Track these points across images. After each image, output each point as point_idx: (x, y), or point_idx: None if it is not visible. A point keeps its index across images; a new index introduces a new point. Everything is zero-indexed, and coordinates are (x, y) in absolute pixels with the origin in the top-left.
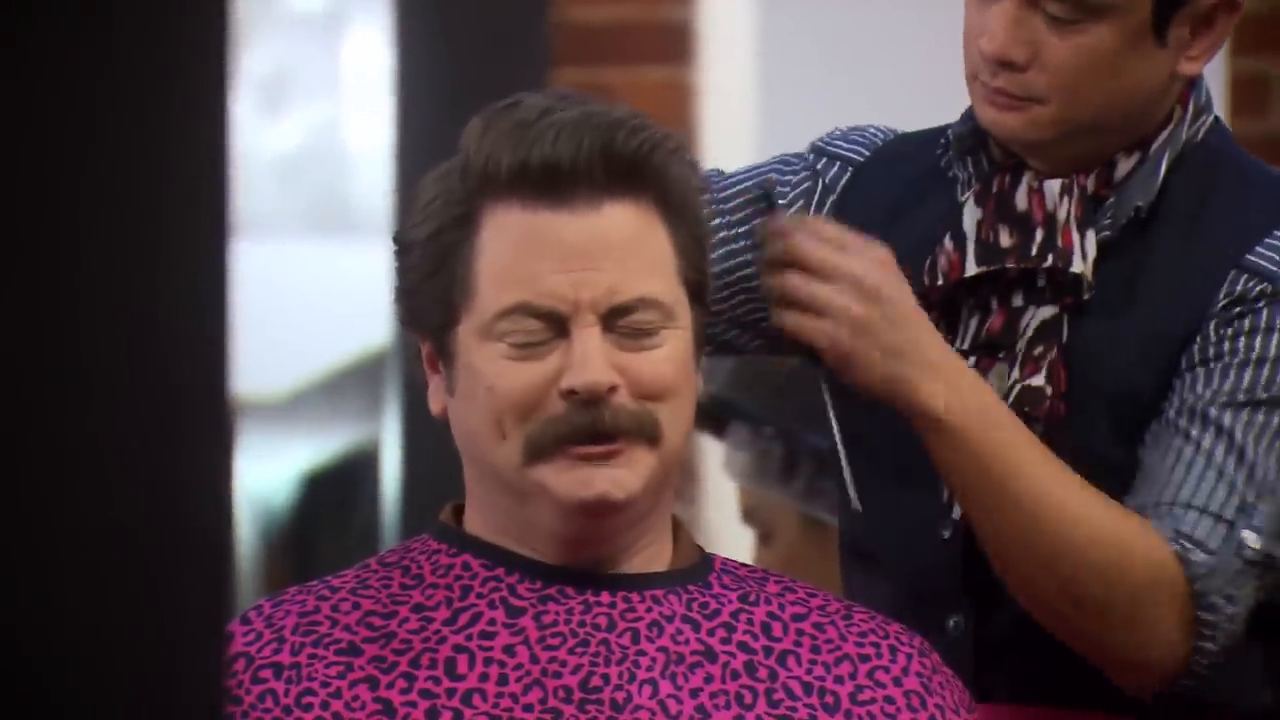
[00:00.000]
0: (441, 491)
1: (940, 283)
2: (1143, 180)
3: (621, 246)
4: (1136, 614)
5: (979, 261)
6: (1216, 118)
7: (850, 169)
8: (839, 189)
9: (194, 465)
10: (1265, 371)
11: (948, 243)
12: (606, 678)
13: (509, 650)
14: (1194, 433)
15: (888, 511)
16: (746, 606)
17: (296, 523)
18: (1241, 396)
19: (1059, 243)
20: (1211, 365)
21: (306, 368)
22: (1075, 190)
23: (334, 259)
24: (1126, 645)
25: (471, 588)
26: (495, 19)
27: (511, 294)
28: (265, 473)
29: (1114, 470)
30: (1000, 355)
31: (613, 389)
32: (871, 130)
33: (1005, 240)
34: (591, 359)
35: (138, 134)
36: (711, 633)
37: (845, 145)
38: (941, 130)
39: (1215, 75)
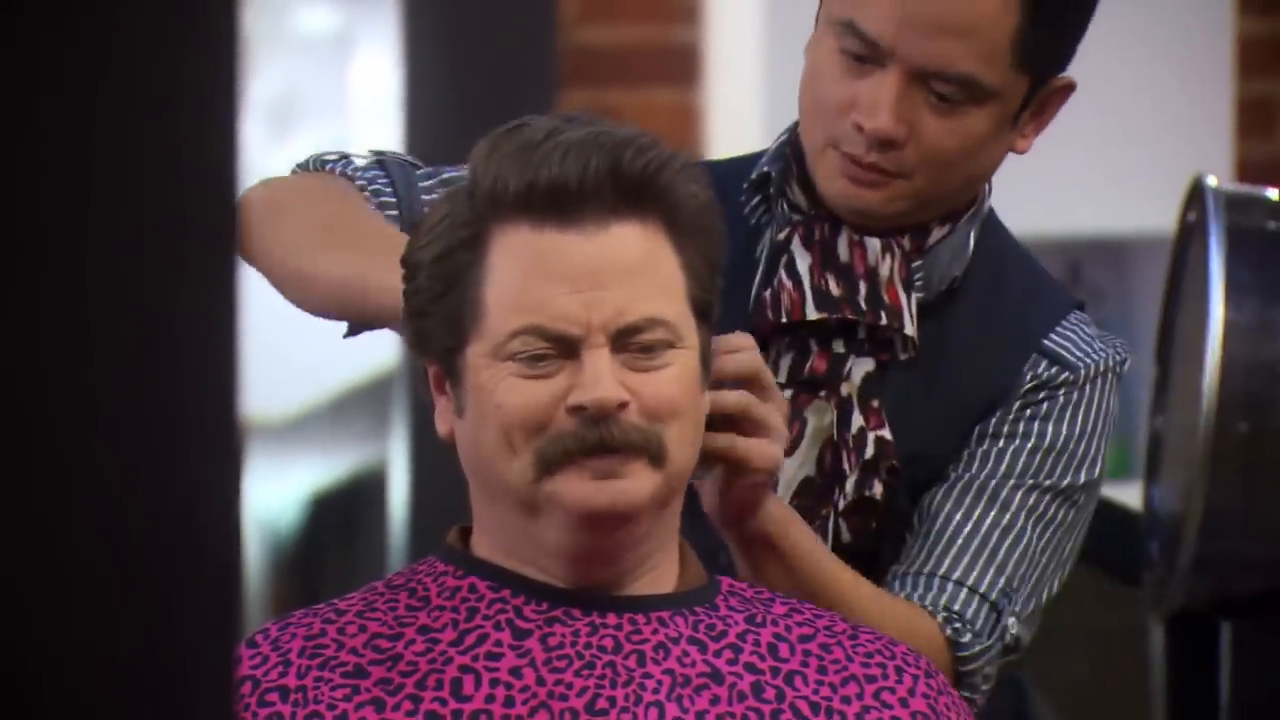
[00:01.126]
0: (448, 512)
1: (784, 320)
2: (954, 250)
3: (630, 267)
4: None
5: (818, 307)
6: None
7: None
8: None
9: (202, 486)
10: (1054, 460)
11: (787, 281)
12: (613, 700)
13: (515, 672)
14: (978, 510)
15: None
16: (753, 628)
17: (304, 544)
18: (1029, 480)
19: (885, 299)
20: (1004, 444)
21: (314, 389)
22: (896, 250)
23: None
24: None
25: (478, 609)
26: (503, 41)
27: (522, 317)
28: (272, 494)
29: (907, 525)
30: (821, 394)
31: (622, 406)
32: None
33: (835, 289)
34: (602, 377)
35: (147, 153)
36: (718, 654)
37: None
38: (737, 165)
39: (1221, 98)
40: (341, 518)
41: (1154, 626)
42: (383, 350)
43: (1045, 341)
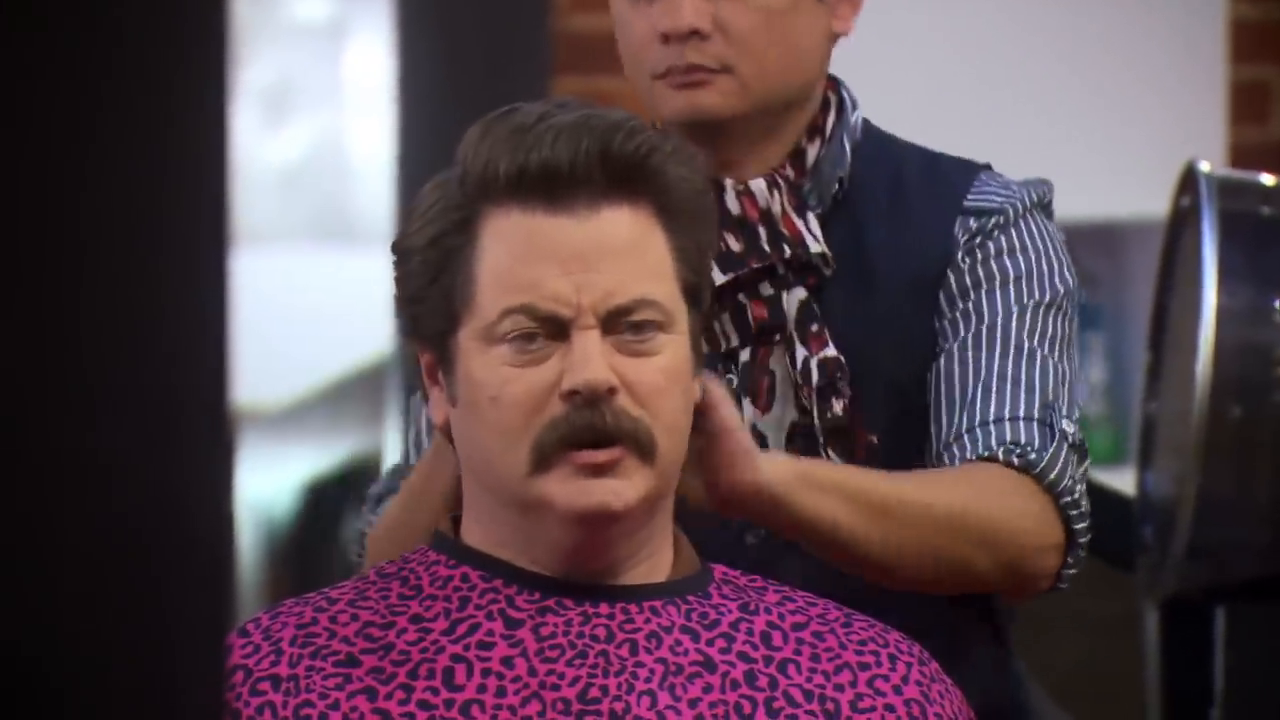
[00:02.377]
0: None
1: None
2: (833, 159)
3: (620, 250)
4: (1021, 535)
5: (724, 270)
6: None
7: None
8: None
9: (194, 475)
10: (1028, 284)
11: None
12: (605, 689)
13: (507, 662)
14: (984, 357)
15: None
16: (746, 616)
17: (298, 532)
18: (1015, 309)
19: (784, 232)
20: (976, 295)
21: (308, 377)
22: (780, 181)
23: (336, 268)
24: (1022, 564)
25: (470, 599)
26: (496, 28)
27: (513, 297)
28: (267, 482)
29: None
30: (776, 339)
31: (612, 390)
32: None
33: (735, 246)
34: (591, 359)
35: (138, 143)
36: (711, 643)
37: None
38: None
39: (1215, 83)
40: (336, 506)
41: (1148, 612)
42: (376, 340)
43: (965, 203)
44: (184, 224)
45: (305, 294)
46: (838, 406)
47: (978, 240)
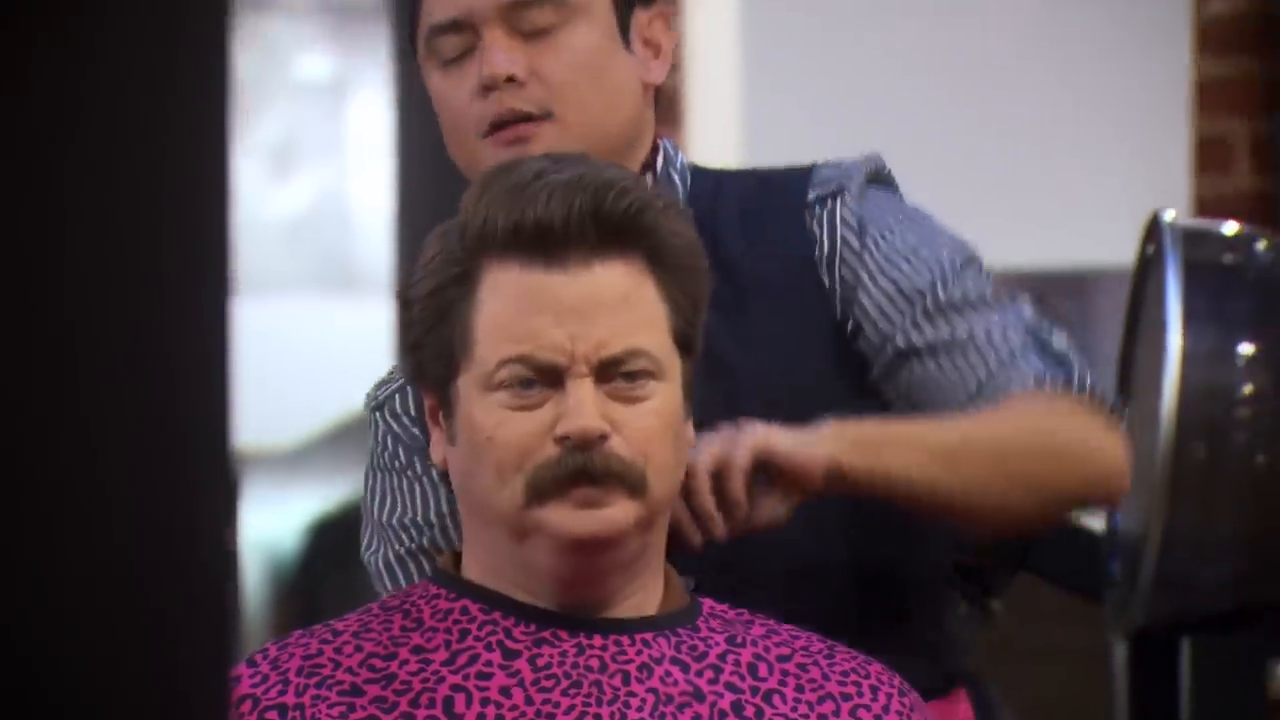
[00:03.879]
0: None
1: None
2: (664, 191)
3: (613, 303)
4: (1086, 437)
5: None
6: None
7: None
8: None
9: (198, 512)
10: (926, 252)
11: None
12: (599, 718)
13: (505, 691)
14: (966, 369)
15: None
16: (733, 648)
17: (303, 569)
18: (939, 297)
19: None
20: (872, 287)
21: (313, 420)
22: None
23: (338, 316)
24: (1098, 467)
25: (469, 631)
26: None
27: (510, 348)
28: (273, 521)
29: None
30: None
31: (603, 436)
32: None
33: None
34: (585, 407)
35: (145, 192)
36: (700, 674)
37: None
38: None
39: (1179, 137)
40: (339, 543)
41: (1117, 643)
42: None
43: (809, 197)
44: (188, 271)
45: (309, 340)
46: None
47: (838, 225)
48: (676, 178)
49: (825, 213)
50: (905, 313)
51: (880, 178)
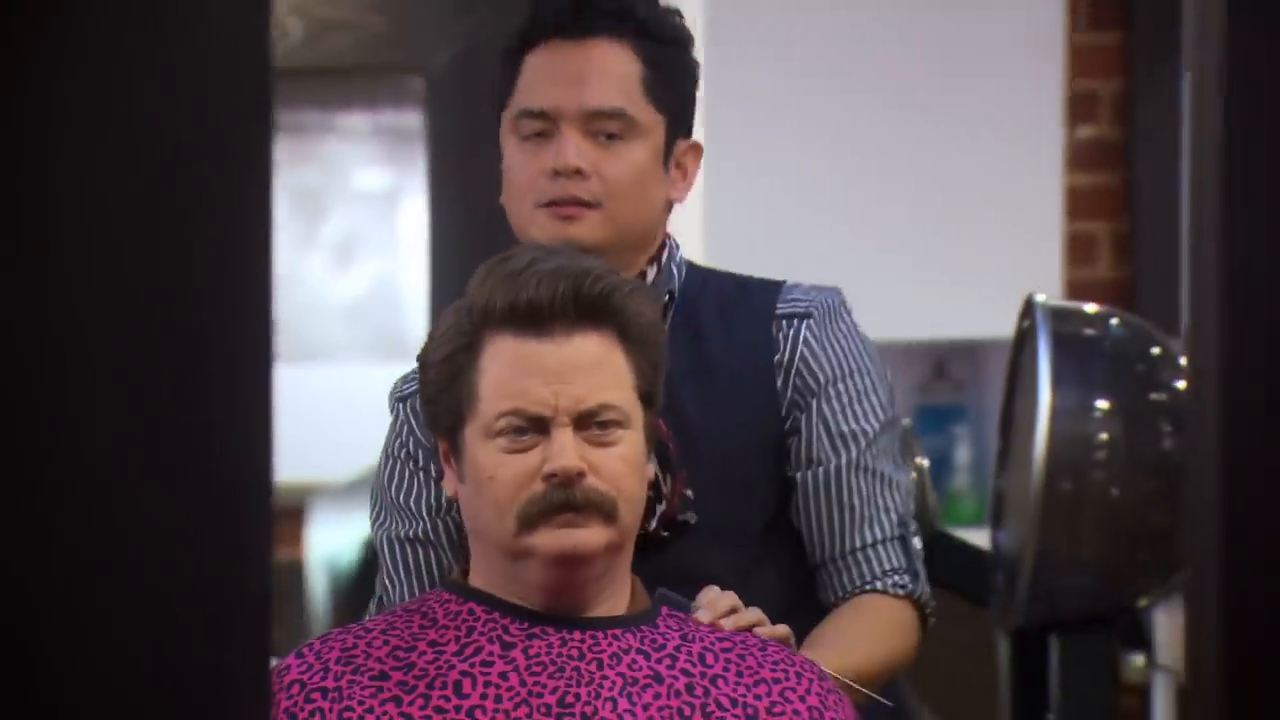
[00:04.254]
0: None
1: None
2: (665, 278)
3: (588, 367)
4: (910, 646)
5: None
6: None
7: None
8: None
9: (242, 538)
10: (863, 406)
11: None
12: (578, 696)
13: (503, 676)
14: (852, 488)
15: None
16: (686, 642)
17: (359, 581)
18: (870, 434)
19: None
20: (825, 413)
21: (366, 459)
22: None
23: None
24: (911, 656)
25: (475, 628)
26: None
27: (507, 403)
28: (335, 541)
29: (719, 500)
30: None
31: (581, 474)
32: None
33: None
34: (566, 450)
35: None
36: (659, 661)
37: None
38: None
39: (1054, 234)
40: None
41: (1000, 639)
42: None
43: (777, 310)
44: (235, 343)
45: (365, 397)
46: (668, 480)
47: (802, 339)
48: (675, 270)
49: (791, 329)
50: (829, 447)
51: (842, 309)
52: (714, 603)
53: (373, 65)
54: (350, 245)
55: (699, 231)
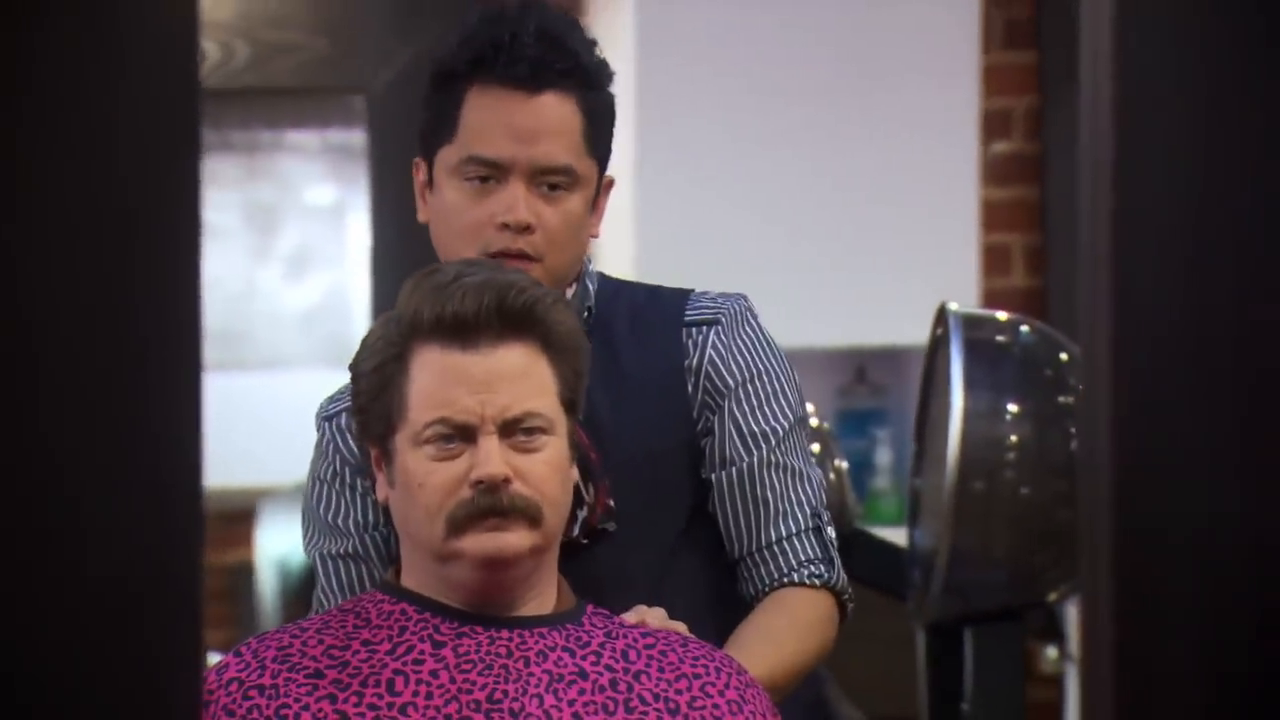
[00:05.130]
0: None
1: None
2: (581, 295)
3: (513, 376)
4: (829, 639)
5: None
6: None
7: None
8: None
9: (173, 537)
10: (773, 406)
11: None
12: (506, 693)
13: (434, 674)
14: (767, 483)
15: None
16: (610, 640)
17: (308, 581)
18: (780, 431)
19: None
20: (736, 414)
21: None
22: None
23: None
24: (829, 647)
25: (406, 627)
26: None
27: (435, 412)
28: (284, 542)
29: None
30: None
31: (507, 480)
32: None
33: None
34: (492, 456)
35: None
36: (584, 658)
37: None
38: None
39: (971, 246)
40: None
41: (918, 632)
42: None
43: (685, 317)
44: (166, 350)
45: (316, 403)
46: (591, 489)
47: (710, 344)
48: (589, 283)
49: (700, 335)
50: (741, 447)
51: (748, 314)
52: (645, 614)
53: (317, 86)
54: (302, 257)
55: (630, 246)
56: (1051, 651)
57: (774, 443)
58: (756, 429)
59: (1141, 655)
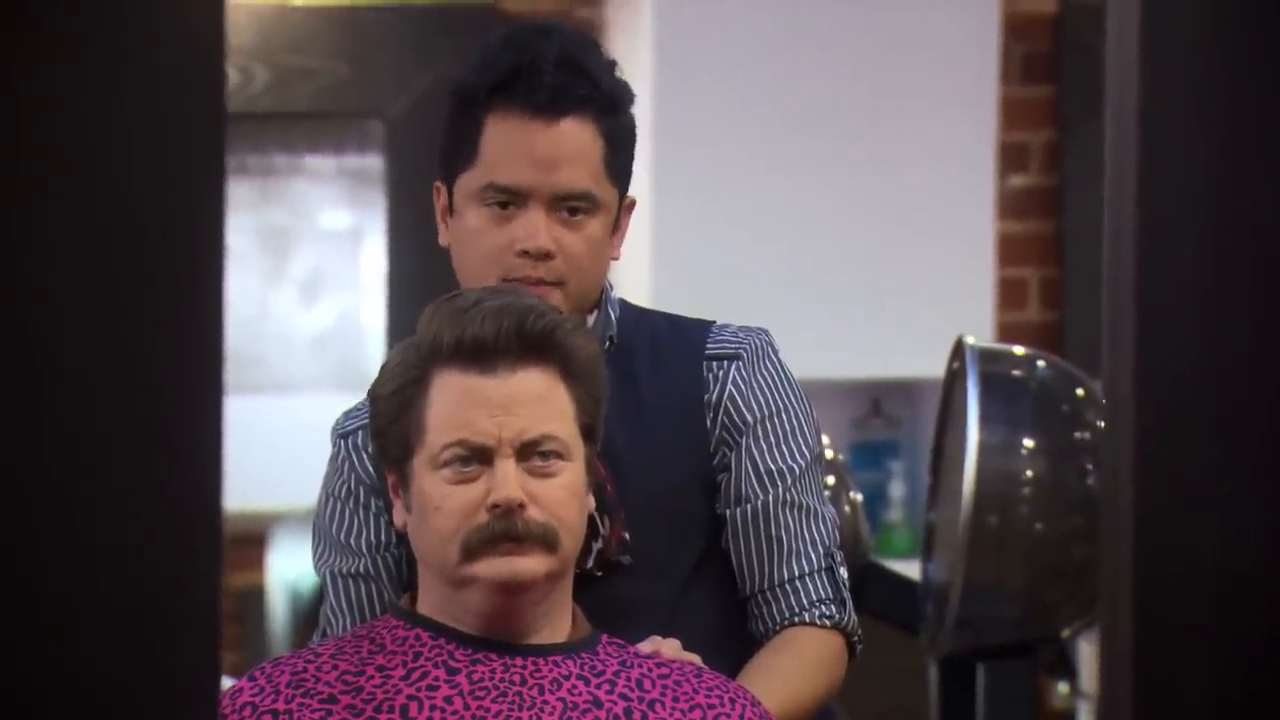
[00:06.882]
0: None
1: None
2: (603, 324)
3: (531, 400)
4: (837, 678)
5: None
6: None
7: None
8: None
9: (191, 560)
10: (790, 445)
11: None
12: None
13: (448, 700)
14: (781, 522)
15: None
16: (625, 669)
17: (318, 604)
18: (797, 469)
19: None
20: (754, 452)
21: None
22: None
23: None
24: (838, 687)
25: (421, 653)
26: None
27: (453, 434)
28: (295, 566)
29: (657, 538)
30: None
31: (523, 505)
32: None
33: None
34: (508, 480)
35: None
36: (599, 687)
37: None
38: None
39: (986, 280)
40: None
41: (930, 666)
42: None
43: (707, 350)
44: (188, 373)
45: (328, 428)
46: (606, 521)
47: (731, 379)
48: (611, 310)
49: (720, 370)
50: (757, 484)
51: (769, 349)
52: (660, 645)
53: (335, 110)
54: (316, 281)
55: (646, 274)
56: (1063, 687)
57: (790, 481)
58: (773, 466)
59: (1162, 691)
